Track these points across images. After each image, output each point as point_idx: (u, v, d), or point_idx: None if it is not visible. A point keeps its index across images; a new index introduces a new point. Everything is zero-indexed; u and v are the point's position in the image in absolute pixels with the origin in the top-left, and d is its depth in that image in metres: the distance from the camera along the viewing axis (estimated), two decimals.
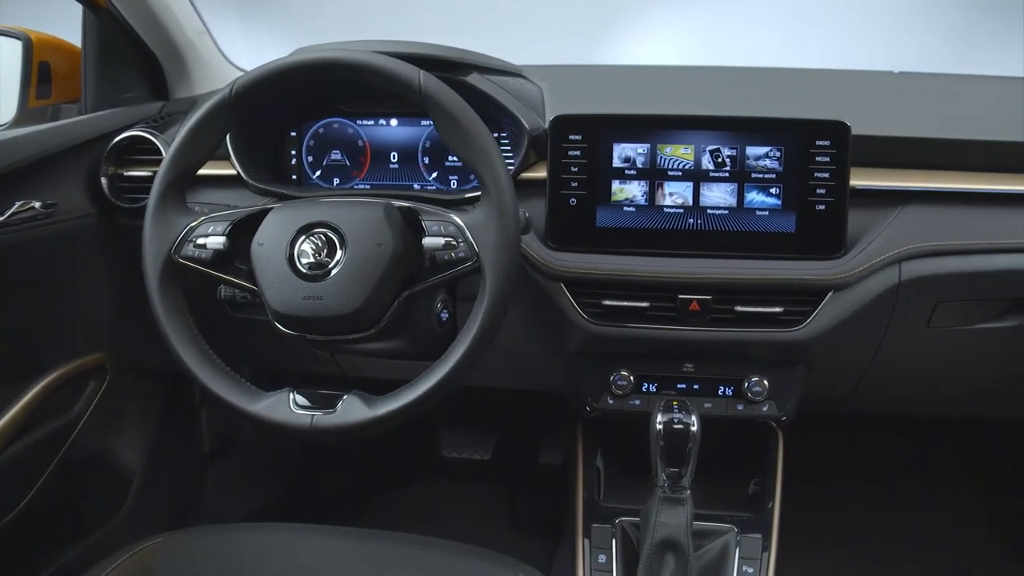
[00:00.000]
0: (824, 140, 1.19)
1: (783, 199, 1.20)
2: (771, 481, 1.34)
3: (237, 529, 1.21)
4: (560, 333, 1.28)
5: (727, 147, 1.21)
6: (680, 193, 1.22)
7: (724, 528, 1.29)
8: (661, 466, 1.15)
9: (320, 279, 1.04)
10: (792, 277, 1.20)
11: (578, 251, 1.23)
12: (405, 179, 1.40)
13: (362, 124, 1.41)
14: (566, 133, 1.22)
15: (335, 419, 1.04)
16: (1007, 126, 1.31)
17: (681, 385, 1.30)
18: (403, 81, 1.05)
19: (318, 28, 2.22)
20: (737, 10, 2.24)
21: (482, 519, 1.88)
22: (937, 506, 1.91)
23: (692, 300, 1.21)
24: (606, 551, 1.26)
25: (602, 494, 1.40)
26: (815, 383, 1.31)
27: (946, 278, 1.22)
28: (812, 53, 2.10)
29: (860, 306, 1.21)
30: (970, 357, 1.35)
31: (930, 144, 1.26)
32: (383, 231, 1.05)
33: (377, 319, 1.06)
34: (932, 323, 1.27)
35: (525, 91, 1.33)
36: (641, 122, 1.22)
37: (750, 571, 1.23)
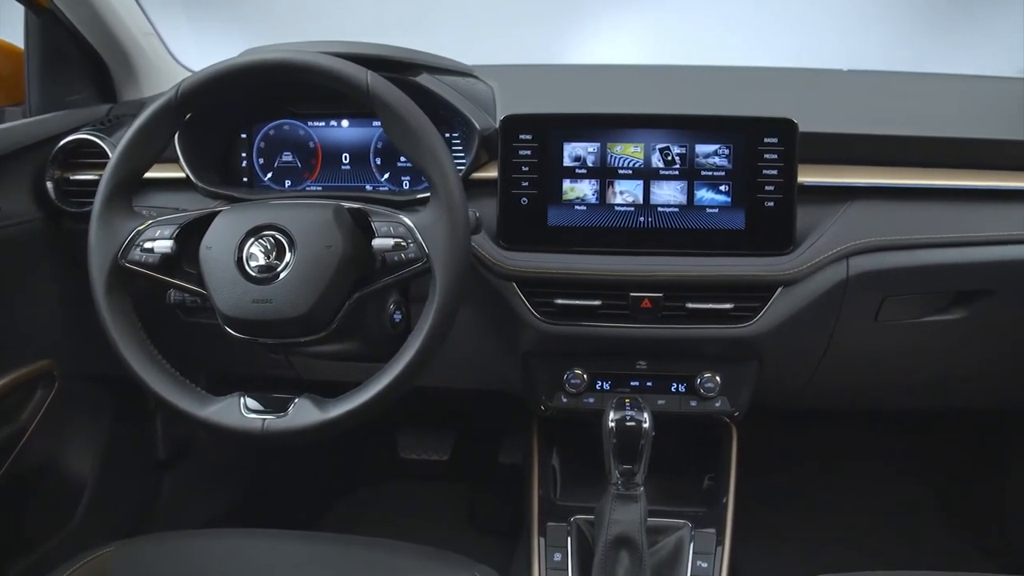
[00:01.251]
0: (772, 137, 1.20)
1: (732, 196, 1.21)
2: (725, 476, 1.36)
3: (191, 536, 1.20)
4: (513, 333, 1.28)
5: (676, 145, 1.21)
6: (630, 191, 1.22)
7: (678, 524, 1.30)
8: (614, 463, 1.16)
9: (269, 282, 1.04)
10: (742, 273, 1.21)
11: (530, 250, 1.23)
12: (357, 180, 1.40)
13: (313, 125, 1.40)
14: (516, 133, 1.22)
15: (287, 423, 1.03)
16: (953, 122, 1.34)
17: (634, 382, 1.31)
18: (350, 82, 1.05)
19: (271, 28, 2.19)
20: (697, 8, 2.25)
21: (442, 520, 1.88)
22: (889, 495, 1.94)
23: (643, 298, 1.21)
24: (561, 549, 1.27)
25: (558, 493, 1.40)
26: (767, 378, 1.33)
27: (892, 272, 1.24)
28: (771, 51, 2.11)
29: (809, 301, 1.23)
30: (918, 350, 1.37)
31: (876, 141, 1.28)
32: (332, 233, 1.05)
33: (328, 321, 1.06)
34: (880, 317, 1.29)
35: (476, 91, 1.33)
36: (591, 121, 1.22)
37: (704, 566, 1.23)
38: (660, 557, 1.26)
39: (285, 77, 1.07)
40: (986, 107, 1.43)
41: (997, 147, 1.29)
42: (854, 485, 1.95)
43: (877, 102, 1.42)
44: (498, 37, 2.30)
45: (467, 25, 2.29)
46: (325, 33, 1.30)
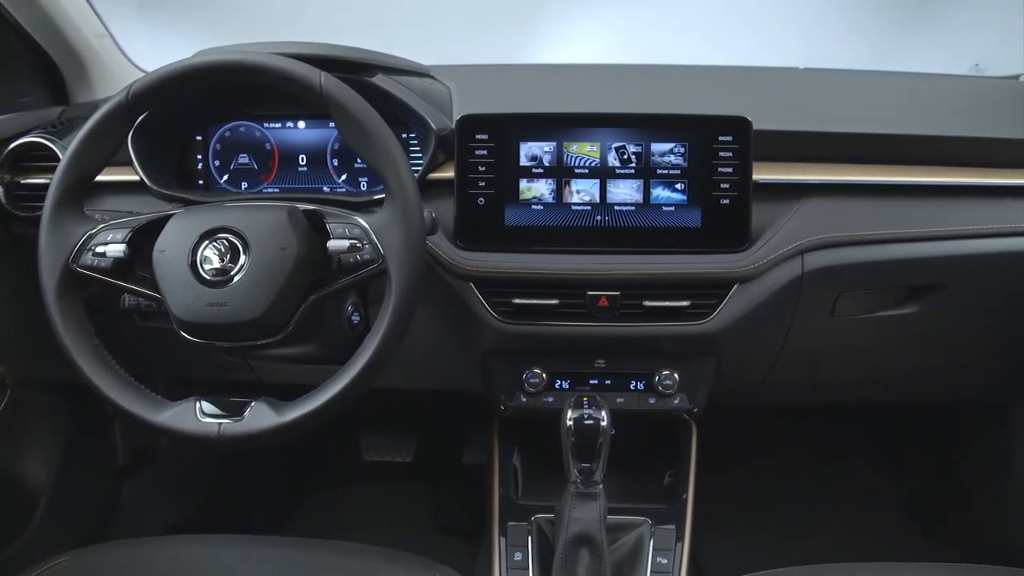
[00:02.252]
0: (726, 136, 1.21)
1: (688, 194, 1.22)
2: (685, 472, 1.36)
3: (150, 543, 1.19)
4: (472, 333, 1.28)
5: (632, 144, 1.22)
6: (587, 190, 1.23)
7: (638, 521, 1.30)
8: (573, 462, 1.16)
9: (223, 285, 1.03)
10: (698, 271, 1.22)
11: (487, 250, 1.23)
12: (315, 182, 1.39)
13: (269, 127, 1.39)
14: (472, 132, 1.22)
15: (243, 427, 1.03)
16: (906, 120, 1.35)
17: (593, 381, 1.31)
18: (303, 83, 1.04)
19: (231, 28, 2.18)
20: (663, 8, 2.26)
21: (406, 522, 1.87)
22: (848, 487, 1.96)
23: (601, 296, 1.22)
24: (522, 549, 1.27)
25: (520, 492, 1.41)
26: (726, 375, 1.34)
27: (847, 268, 1.25)
28: (736, 50, 2.13)
29: (765, 297, 1.24)
30: (874, 344, 1.39)
31: (830, 138, 1.29)
32: (287, 235, 1.05)
33: (284, 324, 1.06)
34: (836, 312, 1.30)
35: (433, 91, 1.33)
36: (547, 121, 1.23)
37: (664, 562, 1.24)
38: (620, 554, 1.26)
39: (237, 78, 1.07)
40: (938, 104, 1.45)
41: (948, 144, 1.31)
42: (813, 478, 1.98)
43: (832, 100, 1.44)
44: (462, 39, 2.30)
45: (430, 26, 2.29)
46: (285, 34, 1.29)
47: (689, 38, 2.22)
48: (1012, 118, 1.41)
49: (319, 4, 2.22)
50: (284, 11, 2.19)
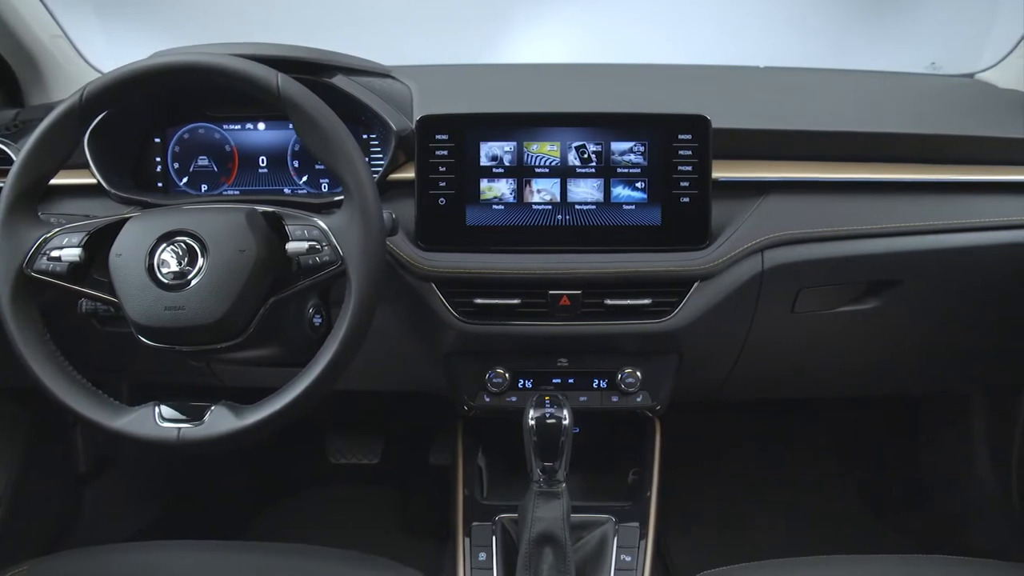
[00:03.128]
0: (686, 134, 1.22)
1: (648, 193, 1.23)
2: (648, 469, 1.37)
3: (111, 551, 1.17)
4: (434, 333, 1.28)
5: (592, 143, 1.22)
6: (548, 190, 1.23)
7: (602, 519, 1.31)
8: (535, 461, 1.16)
9: (181, 288, 1.02)
10: (659, 269, 1.22)
11: (448, 250, 1.23)
12: (275, 184, 1.38)
13: (229, 129, 1.37)
14: (433, 133, 1.22)
15: (203, 431, 1.02)
16: (864, 117, 1.37)
17: (556, 380, 1.32)
18: (260, 84, 1.04)
19: (192, 28, 2.15)
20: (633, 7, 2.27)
21: (373, 524, 1.87)
22: (812, 481, 1.99)
23: (562, 295, 1.22)
24: (486, 549, 1.27)
25: (485, 492, 1.41)
26: (688, 372, 1.34)
27: (806, 264, 1.26)
28: (703, 49, 2.14)
29: (726, 294, 1.24)
30: (834, 339, 1.40)
31: (789, 136, 1.30)
32: (246, 237, 1.04)
33: (244, 327, 1.05)
34: (796, 308, 1.31)
35: (393, 92, 1.32)
36: (507, 120, 1.23)
37: (628, 559, 1.24)
38: (584, 552, 1.27)
39: (193, 80, 1.06)
40: (895, 102, 1.47)
41: (905, 141, 1.32)
42: (777, 472, 2.00)
43: (792, 98, 1.45)
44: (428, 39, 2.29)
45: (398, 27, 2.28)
46: (249, 35, 1.29)
47: (657, 37, 2.23)
48: (967, 115, 1.43)
49: (283, 4, 2.21)
50: (248, 11, 2.17)
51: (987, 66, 1.60)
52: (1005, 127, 1.37)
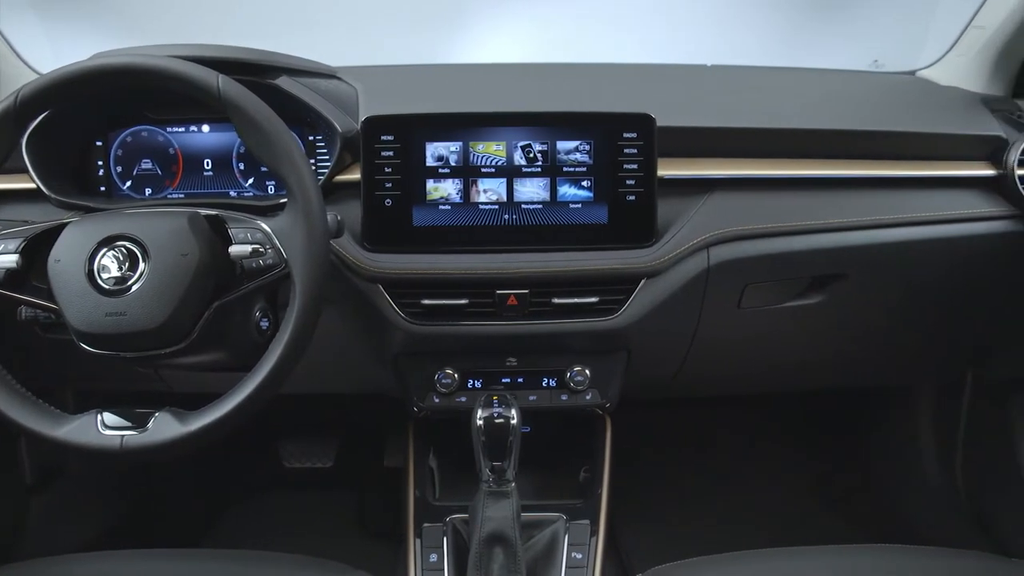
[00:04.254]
0: (631, 132, 1.22)
1: (594, 191, 1.23)
2: (599, 467, 1.37)
3: (60, 562, 1.15)
4: (382, 335, 1.27)
5: (538, 142, 1.22)
6: (494, 189, 1.23)
7: (553, 517, 1.31)
8: (484, 461, 1.16)
9: (122, 294, 1.01)
10: (606, 267, 1.23)
11: (395, 251, 1.23)
12: (221, 186, 1.36)
13: (172, 131, 1.36)
14: (378, 134, 1.21)
15: (147, 438, 1.01)
16: (809, 114, 1.38)
17: (505, 379, 1.32)
18: (200, 86, 1.03)
19: (138, 29, 2.12)
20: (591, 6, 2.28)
21: (329, 527, 1.85)
22: (765, 474, 2.01)
23: (510, 295, 1.22)
24: (437, 550, 1.26)
25: (437, 493, 1.40)
26: (638, 369, 1.35)
27: (751, 260, 1.27)
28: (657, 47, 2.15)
29: (672, 291, 1.25)
30: (781, 334, 1.42)
31: (734, 133, 1.32)
32: (188, 241, 1.03)
33: (187, 332, 1.04)
34: (743, 304, 1.33)
35: (339, 92, 1.31)
36: (451, 120, 1.23)
37: (579, 556, 1.25)
38: (535, 551, 1.27)
39: (133, 82, 1.04)
40: (839, 99, 1.48)
41: (848, 137, 1.34)
42: (730, 465, 2.01)
43: (738, 96, 1.46)
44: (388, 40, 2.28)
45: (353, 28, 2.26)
46: (198, 37, 1.27)
47: (613, 36, 2.24)
48: (909, 112, 1.46)
49: (236, 6, 2.18)
50: (197, 14, 2.15)
51: (928, 64, 1.62)
52: (945, 123, 1.40)
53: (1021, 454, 1.52)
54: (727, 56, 1.70)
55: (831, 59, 1.77)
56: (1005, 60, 1.48)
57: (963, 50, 1.54)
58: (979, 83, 1.51)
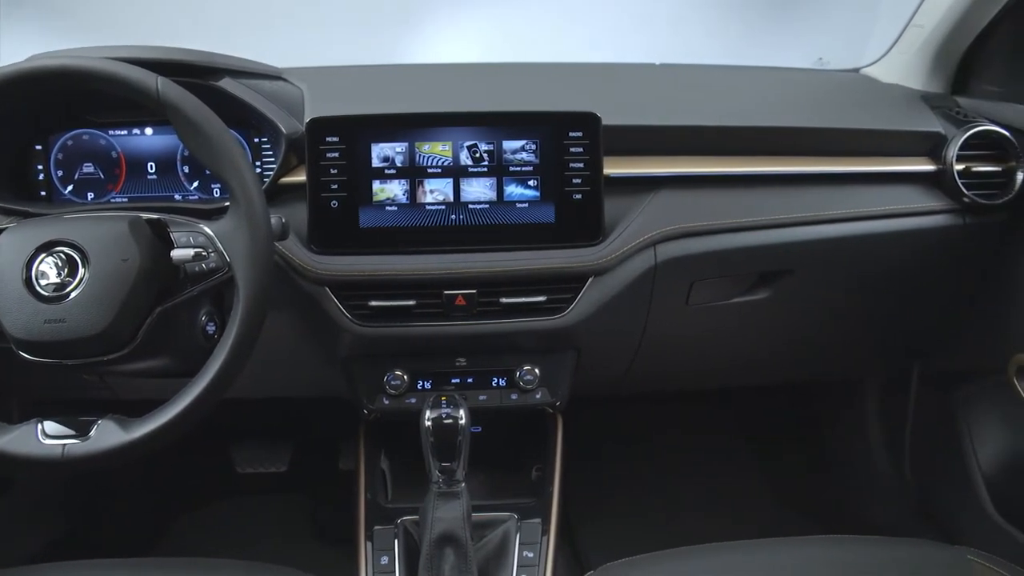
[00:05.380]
0: (576, 131, 1.23)
1: (541, 190, 1.23)
2: (551, 465, 1.38)
3: (6, 575, 1.13)
4: (330, 337, 1.26)
5: (484, 142, 1.23)
6: (441, 190, 1.23)
7: (504, 517, 1.31)
8: (433, 462, 1.16)
9: (61, 300, 0.99)
10: (553, 266, 1.23)
11: (342, 253, 1.22)
12: (165, 190, 1.35)
13: (114, 134, 1.34)
14: (323, 135, 1.21)
15: (89, 447, 0.99)
16: (754, 112, 1.40)
17: (455, 380, 1.32)
18: (138, 88, 1.01)
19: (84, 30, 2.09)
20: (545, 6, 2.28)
21: (283, 533, 1.84)
22: (718, 467, 2.03)
23: (457, 295, 1.22)
24: (389, 552, 1.26)
25: (390, 495, 1.40)
26: (588, 367, 1.36)
27: (698, 257, 1.29)
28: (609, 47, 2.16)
29: (620, 289, 1.26)
30: (730, 330, 1.44)
31: (679, 131, 1.33)
32: (129, 246, 1.02)
33: (130, 337, 1.02)
34: (691, 301, 1.34)
35: (285, 94, 1.30)
36: (397, 121, 1.22)
37: (530, 555, 1.25)
38: (487, 551, 1.27)
39: (70, 84, 1.02)
40: (784, 97, 1.50)
41: (793, 134, 1.36)
42: (687, 460, 2.03)
43: (685, 94, 1.48)
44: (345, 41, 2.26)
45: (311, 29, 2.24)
46: (145, 39, 1.25)
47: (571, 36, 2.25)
48: (853, 109, 1.48)
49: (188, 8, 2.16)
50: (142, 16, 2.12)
51: (871, 61, 1.65)
52: (887, 120, 1.42)
53: (965, 444, 1.54)
54: (677, 55, 1.71)
55: (779, 57, 1.79)
56: (943, 58, 1.51)
57: (904, 48, 1.57)
58: (919, 80, 1.54)
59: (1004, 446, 1.48)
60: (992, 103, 1.43)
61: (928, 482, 1.69)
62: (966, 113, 1.42)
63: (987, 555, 1.09)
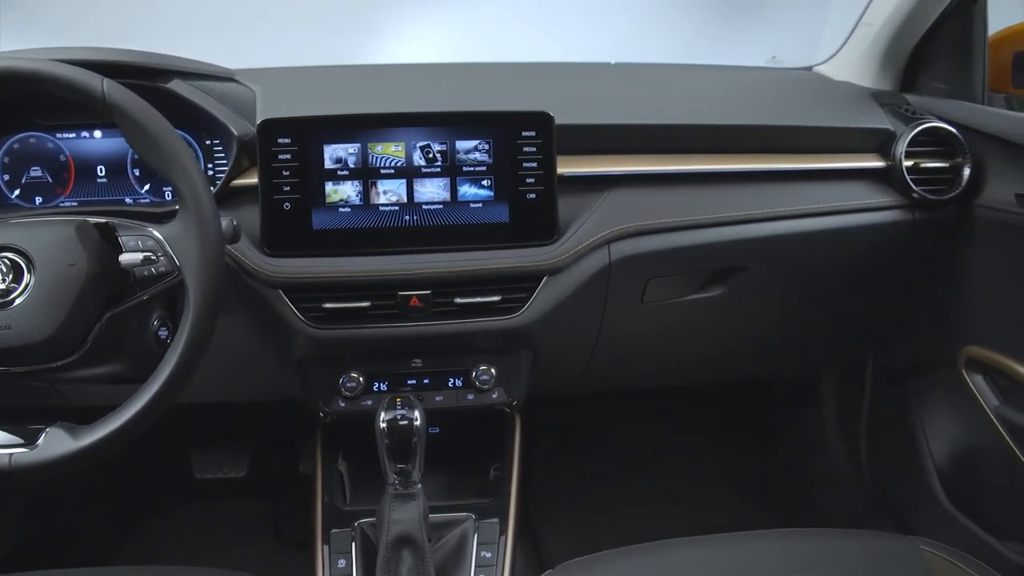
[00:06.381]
0: (529, 131, 1.23)
1: (495, 190, 1.23)
2: (508, 465, 1.38)
3: None
4: (285, 340, 1.26)
5: (437, 143, 1.22)
6: (394, 191, 1.22)
7: (462, 517, 1.30)
8: (389, 464, 1.16)
9: (6, 307, 0.98)
10: (508, 265, 1.23)
11: (295, 255, 1.21)
12: (116, 193, 1.33)
13: (63, 137, 1.32)
14: (274, 137, 1.20)
15: (37, 455, 0.97)
16: (709, 110, 1.41)
17: (411, 381, 1.31)
18: (83, 90, 1.00)
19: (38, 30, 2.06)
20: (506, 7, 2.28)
21: (244, 538, 1.82)
22: (680, 463, 2.04)
23: (412, 296, 1.22)
24: (346, 555, 1.25)
25: (348, 498, 1.39)
26: (544, 366, 1.36)
27: (652, 255, 1.29)
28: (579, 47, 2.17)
29: (575, 288, 1.26)
30: (685, 328, 1.45)
31: (632, 130, 1.33)
32: (76, 250, 1.00)
33: (79, 344, 1.01)
34: (646, 299, 1.35)
35: (236, 95, 1.29)
36: (349, 122, 1.22)
37: (488, 555, 1.25)
38: (444, 552, 1.26)
39: (13, 87, 1.01)
40: (738, 95, 1.51)
41: (746, 132, 1.37)
42: (647, 458, 2.04)
43: (640, 93, 1.48)
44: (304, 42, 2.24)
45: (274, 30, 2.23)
46: (93, 41, 1.23)
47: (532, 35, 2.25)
48: (805, 106, 1.50)
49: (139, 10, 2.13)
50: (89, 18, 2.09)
51: (823, 59, 1.67)
52: (838, 117, 1.44)
53: (918, 436, 1.57)
54: (634, 54, 1.73)
55: (733, 56, 1.81)
56: (892, 56, 1.53)
57: (854, 46, 1.59)
58: (869, 78, 1.56)
59: (955, 438, 1.51)
60: (939, 100, 1.46)
61: (884, 474, 1.71)
62: (915, 110, 1.44)
63: (939, 545, 1.11)
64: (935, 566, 1.08)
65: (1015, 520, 1.36)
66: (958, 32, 1.46)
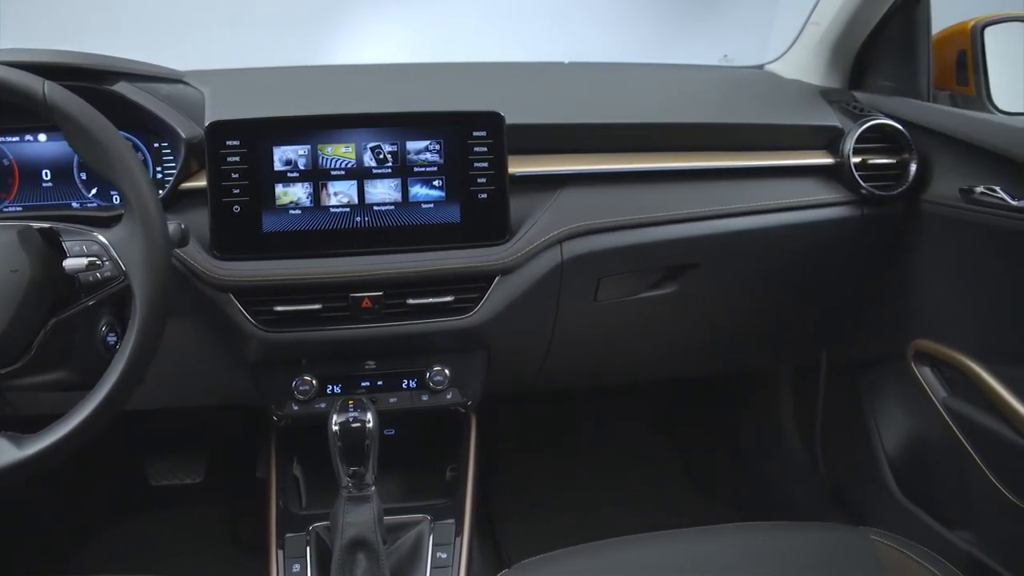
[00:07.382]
0: (480, 131, 1.23)
1: (446, 191, 1.23)
2: (464, 465, 1.38)
3: None
4: (236, 343, 1.25)
5: (388, 143, 1.22)
6: (345, 192, 1.22)
7: (417, 519, 1.30)
8: (342, 467, 1.15)
9: None
10: (460, 266, 1.23)
11: (246, 258, 1.20)
12: (62, 198, 1.31)
13: (6, 141, 1.29)
14: (223, 139, 1.19)
15: None
16: (661, 108, 1.42)
17: (365, 383, 1.31)
18: (23, 92, 0.98)
19: None
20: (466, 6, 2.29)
21: (201, 544, 1.80)
22: (639, 461, 2.05)
23: (364, 297, 1.21)
24: (300, 560, 1.24)
25: (304, 502, 1.38)
26: (499, 366, 1.36)
27: (604, 253, 1.30)
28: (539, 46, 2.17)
29: (527, 288, 1.27)
30: (639, 325, 1.45)
31: (582, 129, 1.34)
32: (17, 256, 0.98)
33: (23, 351, 0.99)
34: (599, 297, 1.35)
35: (185, 97, 1.28)
36: (298, 124, 1.21)
37: (444, 556, 1.24)
38: (400, 554, 1.26)
39: None
40: (691, 93, 1.53)
41: (698, 130, 1.38)
42: (606, 456, 2.05)
43: (593, 92, 1.49)
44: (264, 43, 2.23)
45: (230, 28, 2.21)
46: (42, 41, 1.21)
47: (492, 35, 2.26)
48: (755, 104, 1.51)
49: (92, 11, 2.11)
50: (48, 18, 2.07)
51: (774, 58, 1.69)
52: (788, 115, 1.46)
53: (871, 429, 1.59)
54: (587, 53, 1.74)
55: (686, 54, 1.82)
56: (839, 54, 1.55)
57: (804, 45, 1.61)
58: (818, 76, 1.58)
59: (906, 430, 1.53)
60: (886, 97, 1.48)
61: (839, 466, 1.74)
62: (862, 107, 1.46)
63: (890, 535, 1.13)
64: (886, 556, 1.09)
65: (963, 509, 1.38)
66: (903, 31, 1.48)
